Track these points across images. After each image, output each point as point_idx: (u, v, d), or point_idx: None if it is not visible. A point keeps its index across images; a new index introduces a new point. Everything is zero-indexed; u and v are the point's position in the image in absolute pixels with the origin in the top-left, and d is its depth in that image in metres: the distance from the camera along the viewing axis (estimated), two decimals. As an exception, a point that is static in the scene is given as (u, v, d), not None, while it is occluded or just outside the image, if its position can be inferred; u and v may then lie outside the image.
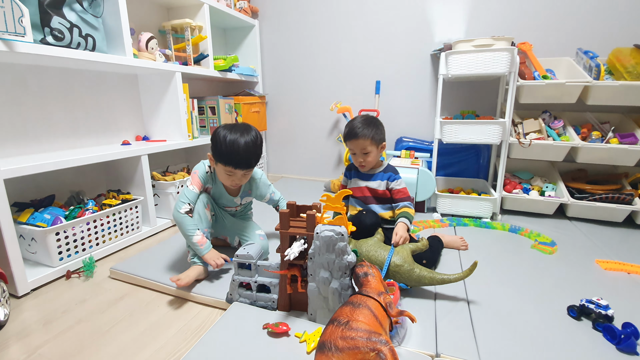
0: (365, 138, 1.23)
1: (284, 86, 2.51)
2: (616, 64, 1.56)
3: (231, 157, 1.10)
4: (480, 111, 2.01)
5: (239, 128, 1.13)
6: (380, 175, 1.30)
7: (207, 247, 1.14)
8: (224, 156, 1.10)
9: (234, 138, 1.09)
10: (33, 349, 0.85)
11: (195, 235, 1.11)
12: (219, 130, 1.12)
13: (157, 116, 1.78)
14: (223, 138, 1.09)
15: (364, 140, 1.23)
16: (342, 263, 0.84)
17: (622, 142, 1.55)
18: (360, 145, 1.24)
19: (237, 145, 1.09)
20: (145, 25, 1.78)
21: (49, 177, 1.38)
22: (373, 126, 1.25)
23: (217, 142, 1.11)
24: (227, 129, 1.12)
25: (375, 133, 1.24)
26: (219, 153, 1.11)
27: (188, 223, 1.12)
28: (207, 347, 0.81)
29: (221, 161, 1.12)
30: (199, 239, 1.12)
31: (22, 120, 1.28)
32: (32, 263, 1.20)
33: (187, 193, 1.15)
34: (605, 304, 0.89)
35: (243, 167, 1.12)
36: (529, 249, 1.36)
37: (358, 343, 0.63)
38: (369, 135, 1.23)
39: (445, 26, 2.03)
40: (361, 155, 1.26)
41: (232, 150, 1.09)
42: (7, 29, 0.96)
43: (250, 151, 1.12)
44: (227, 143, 1.09)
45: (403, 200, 1.25)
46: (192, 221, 1.13)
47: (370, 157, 1.26)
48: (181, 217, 1.12)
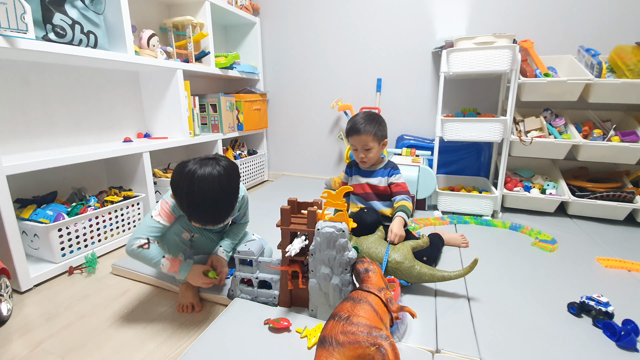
0: (368, 134, 1.23)
1: (285, 84, 2.51)
2: (618, 61, 1.55)
3: (195, 213, 0.86)
4: (482, 109, 2.00)
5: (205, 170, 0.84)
6: (381, 172, 1.31)
7: (184, 270, 0.95)
8: (185, 210, 0.87)
9: (199, 188, 0.83)
10: (36, 344, 0.86)
11: (163, 266, 0.93)
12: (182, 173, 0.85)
13: (159, 113, 1.78)
14: (187, 187, 0.83)
15: (366, 136, 1.23)
16: (342, 259, 0.85)
17: (624, 140, 1.55)
18: (363, 141, 1.24)
19: (202, 197, 0.83)
20: (147, 23, 1.78)
21: (51, 173, 1.39)
22: (375, 122, 1.25)
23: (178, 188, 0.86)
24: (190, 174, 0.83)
25: (378, 129, 1.24)
26: (180, 204, 0.87)
27: (147, 255, 0.92)
28: (209, 342, 0.82)
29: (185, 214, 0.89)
30: (168, 267, 0.93)
31: (24, 117, 1.29)
32: (35, 259, 1.21)
33: (147, 225, 0.93)
34: (606, 301, 0.90)
35: (211, 223, 0.90)
36: (529, 246, 1.36)
37: (359, 338, 0.63)
38: (372, 131, 1.23)
39: (446, 23, 2.03)
40: (363, 151, 1.26)
41: (196, 205, 0.84)
42: (9, 25, 0.97)
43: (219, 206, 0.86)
44: (190, 194, 0.83)
45: (400, 193, 1.26)
46: (152, 251, 0.92)
47: (372, 153, 1.26)
48: (135, 253, 0.91)
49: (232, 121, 2.15)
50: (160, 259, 0.93)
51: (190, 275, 0.96)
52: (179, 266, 0.96)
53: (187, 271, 0.96)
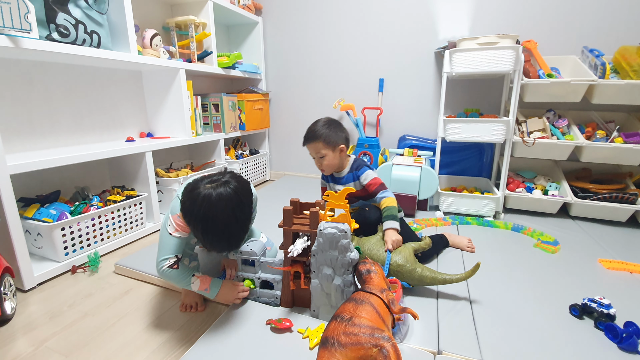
0: (317, 141, 1.20)
1: (287, 83, 2.51)
2: (622, 62, 1.55)
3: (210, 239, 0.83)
4: (484, 109, 2.00)
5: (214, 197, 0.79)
6: (349, 177, 1.28)
7: (215, 286, 0.93)
8: (199, 237, 0.83)
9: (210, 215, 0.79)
10: (40, 342, 0.87)
11: (194, 283, 0.92)
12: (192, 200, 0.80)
13: (161, 113, 1.78)
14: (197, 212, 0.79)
15: (315, 143, 1.20)
16: (344, 260, 0.85)
17: (627, 141, 1.54)
18: (314, 148, 1.22)
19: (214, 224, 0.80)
20: (150, 22, 1.79)
21: (55, 172, 1.39)
22: (327, 128, 1.21)
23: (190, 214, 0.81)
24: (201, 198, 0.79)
25: (328, 135, 1.20)
26: (194, 231, 0.83)
27: (178, 277, 0.91)
28: (211, 342, 0.82)
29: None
30: (198, 285, 0.92)
31: (28, 116, 1.29)
32: (38, 258, 1.22)
33: (169, 243, 0.90)
34: (608, 303, 0.89)
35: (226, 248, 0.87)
36: (531, 248, 1.36)
37: (361, 339, 0.63)
38: (321, 138, 1.19)
39: (449, 24, 2.02)
40: (317, 158, 1.24)
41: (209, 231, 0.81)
42: (13, 25, 0.97)
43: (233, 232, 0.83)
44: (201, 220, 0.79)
45: (379, 191, 1.21)
46: (181, 272, 0.91)
47: (326, 160, 1.22)
48: (167, 274, 0.90)
49: (234, 121, 2.15)
50: (190, 278, 0.92)
51: (222, 292, 0.94)
52: (210, 283, 0.94)
53: (218, 287, 0.94)
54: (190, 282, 0.92)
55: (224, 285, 0.95)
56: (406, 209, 1.71)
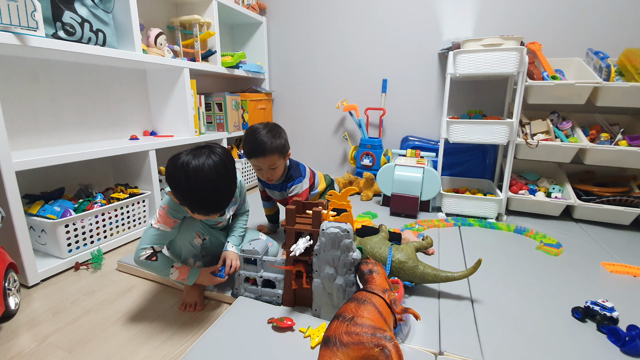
0: (273, 154, 1.14)
1: (290, 83, 2.51)
2: (627, 64, 1.54)
3: (196, 203, 0.85)
4: (488, 111, 2.00)
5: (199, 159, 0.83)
6: (281, 186, 1.27)
7: (192, 276, 0.96)
8: (186, 202, 0.86)
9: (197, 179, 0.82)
10: (43, 338, 0.87)
11: (172, 274, 0.94)
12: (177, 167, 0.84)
13: (165, 112, 1.79)
14: (184, 179, 0.82)
15: (271, 157, 1.15)
16: (347, 260, 0.85)
17: (631, 144, 1.53)
18: (268, 161, 1.15)
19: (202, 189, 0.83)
20: (154, 21, 1.80)
21: (59, 170, 1.40)
22: (278, 137, 1.15)
23: (175, 181, 0.84)
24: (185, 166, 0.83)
25: (282, 145, 1.16)
26: (180, 197, 0.87)
27: (156, 267, 0.93)
28: (213, 340, 0.82)
29: (187, 207, 0.89)
30: (177, 275, 0.95)
31: (33, 113, 1.30)
32: (42, 254, 1.23)
33: (149, 235, 0.92)
34: (611, 306, 0.89)
35: (215, 211, 0.88)
36: (534, 250, 1.36)
37: (363, 339, 0.63)
38: (277, 150, 1.14)
39: (453, 25, 2.02)
40: (268, 171, 1.18)
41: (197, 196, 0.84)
42: (20, 23, 0.98)
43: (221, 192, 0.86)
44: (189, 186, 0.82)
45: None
46: (161, 263, 0.93)
47: (278, 171, 1.20)
48: (143, 264, 0.92)
49: (238, 120, 2.15)
50: (169, 269, 0.95)
51: (200, 279, 0.98)
52: (187, 273, 0.97)
53: (196, 276, 0.97)
54: (170, 273, 0.95)
55: (201, 273, 0.99)
56: (408, 210, 1.71)
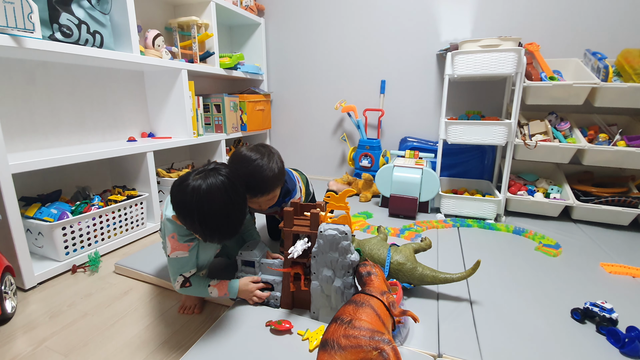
0: (276, 188, 1.05)
1: (288, 84, 2.51)
2: (625, 65, 1.54)
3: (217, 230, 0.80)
4: (486, 112, 2.00)
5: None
6: (278, 204, 1.14)
7: (233, 288, 0.93)
8: (198, 231, 0.81)
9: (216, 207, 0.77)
10: (39, 341, 0.86)
11: (212, 294, 0.93)
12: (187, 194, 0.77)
13: (163, 113, 1.79)
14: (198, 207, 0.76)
15: (274, 191, 1.04)
16: (345, 262, 0.84)
17: (630, 144, 1.53)
18: (270, 196, 1.04)
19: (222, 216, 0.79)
20: (152, 23, 1.79)
21: (56, 172, 1.40)
22: (276, 165, 1.01)
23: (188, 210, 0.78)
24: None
25: (282, 174, 1.05)
26: (191, 226, 0.81)
27: (195, 291, 0.93)
28: (211, 343, 0.82)
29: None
30: (217, 293, 0.93)
31: (30, 115, 1.30)
32: (39, 257, 1.22)
33: (171, 266, 0.91)
34: (610, 307, 0.89)
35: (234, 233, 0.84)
36: (533, 251, 1.36)
37: (361, 342, 0.63)
38: (280, 183, 1.05)
39: (451, 26, 2.02)
40: (266, 203, 1.06)
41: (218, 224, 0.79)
42: (17, 24, 0.97)
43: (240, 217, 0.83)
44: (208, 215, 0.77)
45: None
46: (196, 286, 0.92)
47: (276, 199, 1.08)
48: (183, 291, 0.93)
49: (236, 121, 2.15)
50: (207, 289, 0.93)
51: (240, 291, 0.94)
52: (227, 288, 0.94)
53: (236, 289, 0.94)
54: (209, 293, 0.93)
55: (241, 287, 0.95)
56: (407, 211, 1.71)
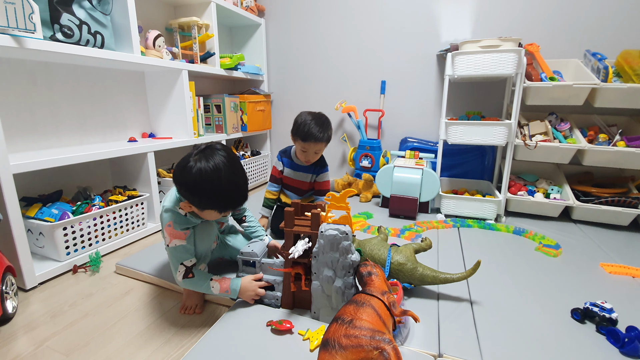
0: (324, 142, 1.36)
1: (289, 85, 2.51)
2: (625, 66, 1.54)
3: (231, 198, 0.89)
4: (486, 112, 2.00)
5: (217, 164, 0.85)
6: (311, 169, 1.46)
7: (234, 287, 0.93)
8: (210, 203, 0.89)
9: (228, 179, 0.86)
10: (40, 341, 0.87)
11: (213, 289, 0.93)
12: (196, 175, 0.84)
13: (164, 113, 1.79)
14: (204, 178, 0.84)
15: (321, 144, 1.36)
16: (345, 262, 0.85)
17: (630, 145, 1.54)
18: (317, 147, 1.36)
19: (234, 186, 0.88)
20: (153, 23, 1.80)
21: (57, 172, 1.40)
22: (329, 129, 1.37)
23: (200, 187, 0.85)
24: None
25: (330, 135, 1.39)
26: (205, 202, 0.88)
27: (196, 284, 0.93)
28: (212, 342, 0.82)
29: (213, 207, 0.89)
30: (219, 288, 0.93)
31: (31, 116, 1.30)
32: (40, 257, 1.22)
33: (171, 255, 0.94)
34: (610, 307, 0.89)
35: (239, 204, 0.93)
36: (533, 251, 1.36)
37: (362, 341, 0.63)
38: (327, 140, 1.37)
39: (451, 26, 2.02)
40: (312, 154, 1.38)
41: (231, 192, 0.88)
42: (18, 25, 0.98)
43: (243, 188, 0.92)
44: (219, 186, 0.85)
45: (324, 195, 1.43)
46: (198, 279, 0.93)
47: (319, 156, 1.42)
48: (185, 283, 0.93)
49: (236, 122, 2.15)
50: (209, 282, 0.93)
51: (242, 291, 0.94)
52: (229, 284, 0.93)
53: (238, 287, 0.93)
54: (210, 287, 0.93)
55: (243, 285, 0.95)
56: (407, 211, 1.71)
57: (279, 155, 1.51)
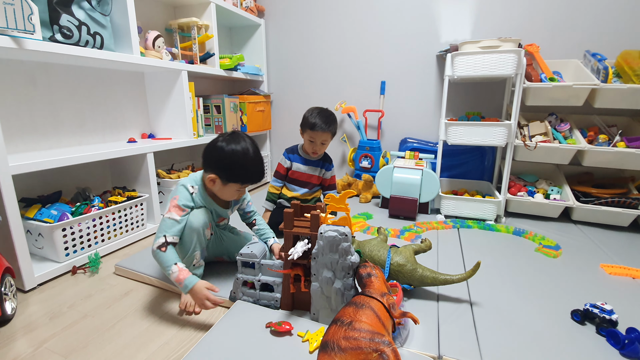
0: (330, 132, 1.46)
1: (288, 85, 2.51)
2: (624, 66, 1.54)
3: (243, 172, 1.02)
4: (486, 113, 2.00)
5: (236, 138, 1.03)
6: (319, 164, 1.57)
7: (188, 283, 0.91)
8: (240, 175, 1.03)
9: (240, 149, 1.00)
10: (39, 343, 0.86)
11: (172, 272, 0.92)
12: (221, 145, 1.01)
13: (163, 114, 1.79)
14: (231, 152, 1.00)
15: (327, 134, 1.47)
16: (345, 263, 0.84)
17: (630, 145, 1.54)
18: (324, 137, 1.47)
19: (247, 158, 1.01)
20: (153, 24, 1.79)
21: (56, 173, 1.39)
22: (335, 122, 1.50)
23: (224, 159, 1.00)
24: (224, 141, 1.02)
25: (336, 129, 1.51)
26: (236, 174, 1.02)
27: (162, 259, 0.94)
28: (211, 344, 0.82)
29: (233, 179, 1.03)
30: (176, 276, 0.92)
31: (30, 116, 1.30)
32: (39, 258, 1.22)
33: (162, 225, 0.98)
34: (610, 309, 0.89)
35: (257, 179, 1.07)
36: (533, 252, 1.36)
37: (361, 343, 0.63)
38: (333, 130, 1.48)
39: (451, 27, 2.02)
40: (319, 145, 1.49)
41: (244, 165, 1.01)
42: (17, 26, 0.98)
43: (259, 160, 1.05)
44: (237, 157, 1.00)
45: (332, 189, 1.61)
46: (167, 257, 0.94)
47: (324, 149, 1.52)
48: (155, 254, 0.95)
49: (236, 122, 2.15)
50: (172, 266, 0.92)
51: (193, 292, 0.91)
52: (186, 278, 0.91)
53: (192, 284, 0.91)
54: (171, 270, 0.92)
55: (197, 285, 0.91)
56: (407, 212, 1.71)
57: (286, 153, 1.59)
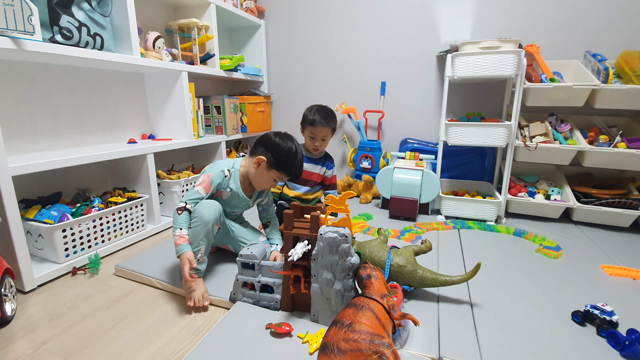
0: (330, 127, 1.48)
1: (289, 86, 2.51)
2: (625, 67, 1.54)
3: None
4: (486, 113, 1.99)
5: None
6: (320, 162, 1.57)
7: (180, 250, 1.01)
8: (289, 167, 1.17)
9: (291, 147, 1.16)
10: (39, 344, 0.86)
11: (175, 234, 1.04)
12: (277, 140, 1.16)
13: (163, 115, 1.79)
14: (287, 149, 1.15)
15: (327, 129, 1.48)
16: (345, 265, 0.84)
17: (630, 146, 1.53)
18: (325, 132, 1.48)
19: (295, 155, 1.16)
20: (153, 25, 1.79)
21: (56, 174, 1.39)
22: (335, 118, 1.52)
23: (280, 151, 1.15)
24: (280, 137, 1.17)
25: (336, 124, 1.52)
26: (288, 164, 1.16)
27: (175, 220, 1.07)
28: (210, 345, 0.82)
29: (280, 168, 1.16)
30: (175, 239, 1.03)
31: (31, 117, 1.30)
32: (39, 259, 1.22)
33: (189, 193, 1.11)
34: (610, 310, 0.89)
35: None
36: (533, 253, 1.35)
37: (361, 345, 0.63)
38: (334, 125, 1.50)
39: (451, 27, 2.02)
40: (319, 140, 1.50)
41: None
42: (17, 27, 0.98)
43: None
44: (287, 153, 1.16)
45: (332, 189, 1.61)
46: (181, 220, 1.06)
47: (325, 145, 1.54)
48: (174, 213, 1.08)
49: (236, 123, 2.15)
50: (177, 229, 1.04)
51: (181, 258, 1.00)
52: (180, 244, 1.02)
53: (181, 253, 1.00)
54: (176, 232, 1.04)
55: (184, 254, 1.00)
56: (407, 212, 1.71)
57: None
